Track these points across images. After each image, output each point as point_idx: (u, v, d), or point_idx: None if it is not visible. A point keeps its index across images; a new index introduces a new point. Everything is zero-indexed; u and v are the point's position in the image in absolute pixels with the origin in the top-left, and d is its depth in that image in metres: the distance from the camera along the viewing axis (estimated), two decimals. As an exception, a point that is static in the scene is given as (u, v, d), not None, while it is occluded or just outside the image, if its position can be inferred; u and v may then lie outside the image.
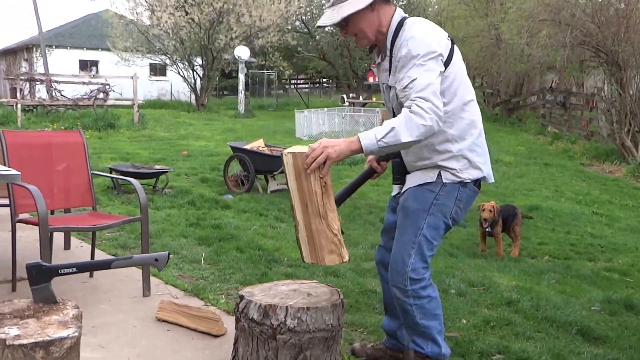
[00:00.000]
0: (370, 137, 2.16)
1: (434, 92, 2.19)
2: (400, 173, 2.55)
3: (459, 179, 2.40)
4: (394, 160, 2.59)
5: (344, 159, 2.30)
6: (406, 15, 2.43)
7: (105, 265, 2.36)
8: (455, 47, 2.44)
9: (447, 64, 2.33)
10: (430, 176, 2.40)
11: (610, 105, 12.68)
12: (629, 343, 3.33)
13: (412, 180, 2.46)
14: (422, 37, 2.28)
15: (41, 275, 2.04)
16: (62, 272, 2.11)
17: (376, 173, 2.70)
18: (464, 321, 3.42)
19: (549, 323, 3.51)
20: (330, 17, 2.33)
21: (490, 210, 5.22)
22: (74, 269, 2.17)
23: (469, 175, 2.42)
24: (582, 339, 3.35)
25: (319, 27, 2.43)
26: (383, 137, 2.15)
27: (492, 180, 2.53)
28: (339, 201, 2.56)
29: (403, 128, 2.14)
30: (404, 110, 2.19)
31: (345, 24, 2.35)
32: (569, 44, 13.27)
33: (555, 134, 15.80)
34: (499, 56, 19.58)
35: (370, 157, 2.65)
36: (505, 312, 3.64)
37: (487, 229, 5.27)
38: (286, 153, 2.28)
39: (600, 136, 13.72)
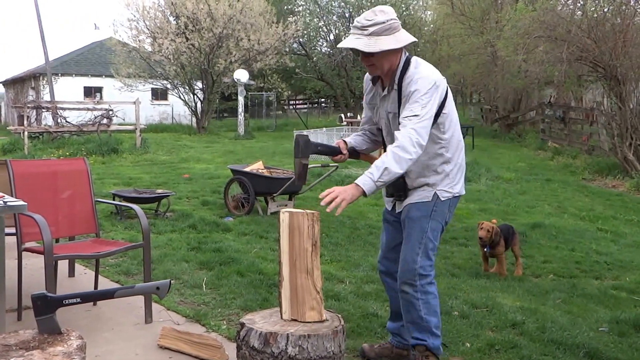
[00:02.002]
0: (368, 181, 2.51)
1: (426, 127, 2.60)
2: (401, 190, 2.87)
3: (450, 194, 2.85)
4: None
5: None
6: (408, 54, 2.77)
7: (108, 295, 2.36)
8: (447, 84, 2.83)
9: (446, 98, 2.74)
10: (427, 196, 2.83)
11: (610, 119, 12.70)
12: (638, 364, 3.28)
13: (412, 198, 2.86)
14: (429, 76, 2.66)
15: (46, 306, 2.06)
16: (67, 302, 2.12)
17: (341, 155, 2.96)
18: (468, 345, 3.37)
19: (555, 346, 3.44)
20: (366, 45, 2.60)
21: (488, 231, 5.18)
22: (78, 299, 2.17)
23: (457, 190, 2.88)
24: (590, 362, 3.30)
25: (344, 47, 2.69)
26: (379, 178, 2.52)
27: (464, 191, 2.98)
28: (310, 150, 2.85)
29: (394, 165, 2.52)
30: (390, 148, 2.57)
31: (372, 54, 2.63)
32: (566, 59, 13.35)
33: (556, 149, 15.80)
34: (495, 73, 19.70)
35: (342, 144, 2.97)
36: (510, 334, 3.59)
37: (485, 250, 5.23)
38: (283, 212, 2.49)
39: (601, 150, 13.71)
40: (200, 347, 3.02)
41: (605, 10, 13.37)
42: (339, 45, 2.82)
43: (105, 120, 15.70)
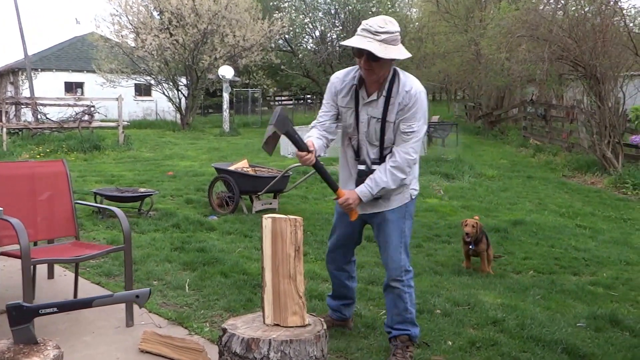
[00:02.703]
0: (368, 195, 2.97)
1: (420, 141, 2.97)
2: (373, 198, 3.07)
3: (416, 192, 3.20)
4: (360, 179, 3.09)
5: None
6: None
7: (86, 304, 2.34)
8: None
9: None
10: (405, 198, 3.12)
11: (590, 117, 12.84)
12: (615, 360, 3.35)
13: (392, 203, 3.10)
14: (423, 90, 2.96)
15: (22, 316, 2.02)
16: (43, 312, 2.10)
17: (306, 153, 2.93)
18: (450, 343, 3.42)
19: (534, 342, 3.51)
20: (378, 50, 2.74)
21: (473, 226, 5.25)
22: (55, 309, 2.15)
23: (418, 187, 3.22)
24: (568, 358, 3.36)
25: (356, 47, 2.79)
26: (377, 193, 2.97)
27: None
28: (286, 126, 2.90)
29: (390, 184, 2.95)
30: (388, 168, 2.94)
31: (377, 60, 2.79)
32: (548, 58, 13.47)
33: (537, 146, 15.96)
34: (479, 70, 19.84)
35: (312, 145, 2.99)
36: (491, 332, 3.64)
37: (470, 247, 5.27)
38: (266, 217, 2.52)
39: (581, 148, 13.87)
40: (182, 350, 3.02)
41: (586, 9, 13.51)
42: (346, 43, 2.85)
43: (86, 117, 15.52)
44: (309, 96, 38.85)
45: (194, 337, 3.33)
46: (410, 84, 2.91)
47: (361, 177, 3.05)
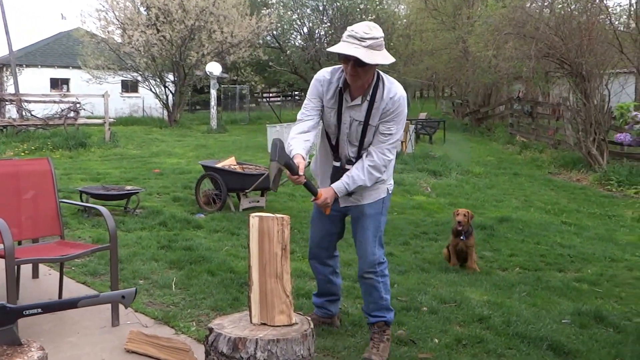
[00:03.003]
0: (343, 190, 3.04)
1: (397, 143, 3.10)
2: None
3: (392, 186, 3.30)
4: (336, 176, 3.17)
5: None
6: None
7: (71, 304, 2.31)
8: None
9: None
10: (380, 194, 3.21)
11: (575, 114, 12.96)
12: (599, 357, 3.38)
13: (367, 199, 3.19)
14: (404, 95, 3.03)
15: (5, 317, 1.99)
16: (27, 312, 2.07)
17: (297, 176, 2.90)
18: (436, 340, 3.44)
19: (520, 339, 3.54)
20: (365, 56, 2.78)
21: (465, 215, 5.27)
22: (39, 310, 2.12)
23: (392, 182, 3.31)
24: (553, 354, 3.39)
25: (342, 54, 2.83)
26: (352, 189, 3.05)
27: None
28: (285, 157, 2.86)
29: (367, 182, 3.04)
30: (366, 166, 3.01)
31: (363, 66, 2.83)
32: (534, 55, 13.57)
33: (524, 143, 16.08)
34: (466, 67, 19.94)
35: (302, 165, 2.93)
36: (477, 329, 3.67)
37: (461, 238, 5.29)
38: (253, 216, 2.51)
39: (567, 145, 13.99)
40: (168, 350, 3.00)
41: (572, 7, 13.62)
42: (333, 49, 2.88)
43: (72, 114, 15.30)
44: (296, 93, 38.79)
45: (181, 336, 3.31)
46: (395, 90, 2.99)
47: (335, 173, 3.15)
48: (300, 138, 3.03)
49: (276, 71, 28.84)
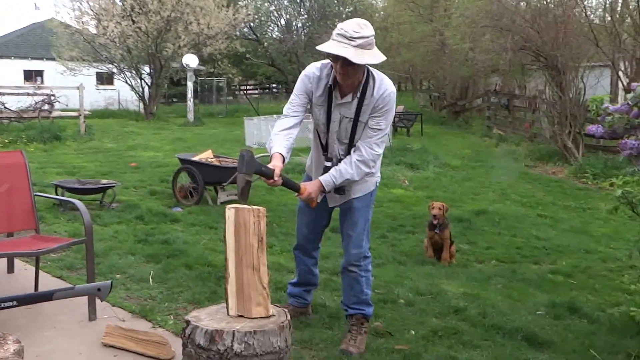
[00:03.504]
0: (331, 184, 3.02)
1: (385, 138, 3.09)
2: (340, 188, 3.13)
3: (379, 179, 3.32)
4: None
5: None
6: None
7: (46, 297, 2.30)
8: None
9: None
10: (372, 185, 3.24)
11: (551, 107, 13.13)
12: (572, 347, 3.45)
13: (356, 192, 3.19)
14: (394, 91, 3.03)
15: (-21, 311, 1.97)
16: (3, 305, 2.05)
17: (273, 180, 2.88)
18: (413, 332, 3.47)
19: (495, 330, 3.59)
20: (354, 56, 2.75)
21: (440, 208, 5.33)
22: (15, 303, 2.11)
23: (379, 174, 3.32)
24: (528, 345, 3.44)
25: (332, 54, 2.80)
26: (340, 183, 3.03)
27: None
28: (254, 166, 2.87)
29: (355, 176, 3.03)
30: (354, 161, 3.00)
31: (353, 65, 2.80)
32: (511, 48, 13.73)
33: (501, 136, 16.26)
34: (444, 60, 20.06)
35: (279, 168, 2.90)
36: (453, 320, 3.71)
37: (436, 231, 5.33)
38: (229, 208, 2.50)
39: (543, 138, 14.19)
40: (146, 344, 2.99)
41: (548, 0, 13.78)
42: (322, 48, 2.83)
43: (46, 106, 15.04)
44: (274, 85, 38.65)
45: (158, 330, 3.29)
46: (385, 87, 2.98)
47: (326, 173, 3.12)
48: (282, 135, 2.99)
49: (254, 63, 28.73)
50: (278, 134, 3.00)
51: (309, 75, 3.06)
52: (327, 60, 3.00)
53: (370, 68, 2.99)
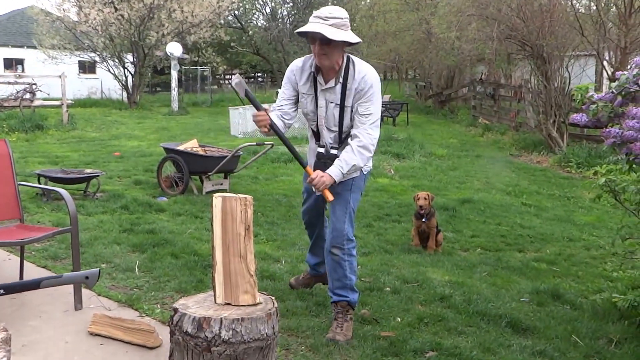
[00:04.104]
0: (339, 175, 3.11)
1: (379, 122, 3.16)
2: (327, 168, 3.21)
3: (369, 169, 3.39)
4: (319, 161, 3.25)
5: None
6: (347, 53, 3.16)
7: (33, 285, 2.27)
8: None
9: None
10: (354, 173, 3.25)
11: (536, 96, 13.21)
12: (556, 333, 3.49)
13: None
14: (375, 74, 3.14)
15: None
16: (-12, 294, 2.02)
17: (264, 113, 3.08)
18: (399, 319, 3.50)
19: (480, 317, 3.63)
20: (330, 33, 2.93)
21: (425, 198, 5.35)
22: (1, 291, 2.08)
23: (371, 165, 3.43)
24: (512, 331, 3.49)
25: (301, 32, 3.02)
26: (348, 171, 3.12)
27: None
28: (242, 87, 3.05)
29: (360, 162, 3.12)
30: (356, 147, 3.09)
31: (329, 43, 2.97)
32: (496, 37, 13.75)
33: (486, 126, 16.35)
34: (430, 49, 20.06)
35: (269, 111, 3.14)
36: (439, 308, 3.75)
37: (423, 220, 5.36)
38: (216, 196, 2.49)
39: (528, 127, 14.28)
40: (132, 332, 2.98)
41: (534, -11, 13.79)
42: (299, 30, 3.03)
43: (28, 95, 14.83)
44: (259, 74, 38.46)
45: (145, 318, 3.28)
46: (365, 70, 3.11)
47: (319, 160, 3.25)
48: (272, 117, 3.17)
49: (238, 52, 28.51)
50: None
51: (292, 68, 3.27)
52: (310, 55, 3.17)
53: (351, 56, 3.14)
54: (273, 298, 2.56)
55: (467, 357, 3.05)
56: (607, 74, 13.37)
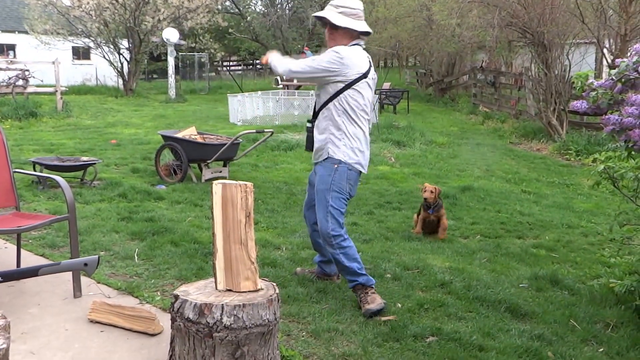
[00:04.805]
0: (272, 64, 3.48)
1: (313, 65, 3.35)
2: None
3: (345, 166, 3.46)
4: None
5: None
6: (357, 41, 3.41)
7: (32, 272, 2.25)
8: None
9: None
10: (325, 153, 3.50)
11: (537, 84, 13.15)
12: (554, 317, 3.51)
13: (318, 157, 3.53)
14: (340, 48, 3.34)
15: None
16: (-14, 281, 2.00)
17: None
18: (399, 305, 3.50)
19: (479, 302, 3.64)
20: (333, 17, 3.27)
21: (432, 192, 5.36)
22: (0, 279, 2.06)
23: (350, 162, 3.48)
24: (511, 316, 3.50)
25: (317, 16, 3.37)
26: (275, 64, 3.46)
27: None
28: None
29: (280, 66, 3.44)
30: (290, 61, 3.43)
31: (335, 28, 3.29)
32: (497, 24, 13.66)
33: (486, 114, 16.28)
34: (430, 36, 19.93)
35: None
36: (439, 293, 3.75)
37: (430, 212, 5.36)
38: (216, 183, 2.50)
39: (528, 115, 14.23)
40: (133, 319, 2.97)
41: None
42: (314, 14, 3.43)
43: (21, 82, 14.67)
44: (258, 61, 38.22)
45: (145, 306, 3.27)
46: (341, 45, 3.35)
47: (307, 132, 3.65)
48: None
49: (236, 38, 28.34)
50: None
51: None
52: None
53: (360, 44, 3.38)
54: (274, 284, 2.56)
55: (467, 341, 3.06)
56: (607, 61, 13.31)
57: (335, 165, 3.37)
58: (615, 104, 3.50)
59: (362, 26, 3.28)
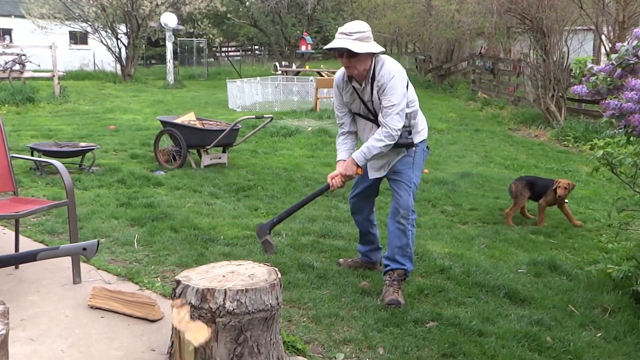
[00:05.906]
0: (362, 160, 3.39)
1: (403, 114, 3.33)
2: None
3: (422, 143, 3.63)
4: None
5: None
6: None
7: (30, 257, 2.24)
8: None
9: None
10: (410, 151, 3.55)
11: (535, 71, 13.10)
12: (552, 302, 3.54)
13: (395, 159, 3.57)
14: (397, 71, 3.34)
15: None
16: (-17, 267, 1.99)
17: (331, 187, 3.44)
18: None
19: (479, 288, 3.66)
20: (353, 46, 3.22)
21: (566, 187, 5.59)
22: (-3, 263, 2.05)
23: (421, 140, 3.62)
24: (510, 302, 3.53)
25: (335, 48, 3.27)
26: (372, 157, 3.39)
27: None
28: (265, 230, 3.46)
29: (382, 149, 3.35)
30: (381, 137, 3.32)
31: (355, 56, 3.26)
32: (496, 10, 13.58)
33: (485, 100, 16.23)
34: (430, 22, 19.81)
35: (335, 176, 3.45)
36: (438, 279, 3.77)
37: (562, 200, 5.62)
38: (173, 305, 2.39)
39: (526, 101, 14.19)
40: (133, 305, 2.97)
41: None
42: (328, 46, 3.33)
43: (17, 67, 14.53)
44: (256, 47, 38.05)
45: (146, 292, 3.28)
46: (385, 67, 3.34)
47: None
48: (342, 145, 3.59)
49: (235, 24, 28.12)
50: (339, 146, 3.61)
51: (335, 83, 3.57)
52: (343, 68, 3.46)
53: (383, 57, 3.40)
54: (276, 269, 2.56)
55: (466, 326, 3.08)
56: (605, 48, 13.25)
57: (414, 148, 3.52)
58: (614, 89, 3.50)
59: (378, 47, 3.36)
